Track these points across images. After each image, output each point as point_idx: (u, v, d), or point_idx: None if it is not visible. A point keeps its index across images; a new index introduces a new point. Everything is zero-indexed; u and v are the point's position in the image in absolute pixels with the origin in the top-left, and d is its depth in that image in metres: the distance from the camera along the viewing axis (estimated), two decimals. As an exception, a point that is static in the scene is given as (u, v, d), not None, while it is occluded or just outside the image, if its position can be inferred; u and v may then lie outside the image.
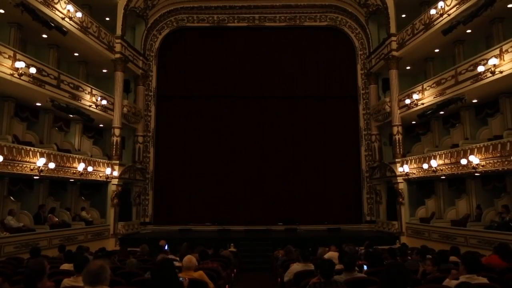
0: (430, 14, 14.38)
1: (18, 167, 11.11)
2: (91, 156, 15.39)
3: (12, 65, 10.96)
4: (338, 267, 5.55)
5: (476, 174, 12.53)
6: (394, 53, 16.57)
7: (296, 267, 6.55)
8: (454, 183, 15.19)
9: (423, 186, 16.53)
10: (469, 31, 13.75)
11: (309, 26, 20.06)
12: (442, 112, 14.98)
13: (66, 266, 6.53)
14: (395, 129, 16.37)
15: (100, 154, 16.67)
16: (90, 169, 14.39)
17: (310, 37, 20.13)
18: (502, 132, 12.02)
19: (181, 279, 4.57)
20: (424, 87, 15.10)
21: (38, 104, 13.78)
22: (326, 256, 7.48)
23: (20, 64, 11.08)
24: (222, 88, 19.67)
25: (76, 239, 13.29)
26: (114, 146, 16.32)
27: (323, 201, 18.71)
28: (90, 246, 11.29)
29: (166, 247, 10.61)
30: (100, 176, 15.25)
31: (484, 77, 11.80)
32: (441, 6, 13.66)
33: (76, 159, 13.83)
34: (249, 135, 19.26)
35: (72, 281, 4.73)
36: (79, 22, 14.19)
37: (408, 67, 17.48)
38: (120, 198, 16.13)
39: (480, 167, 11.64)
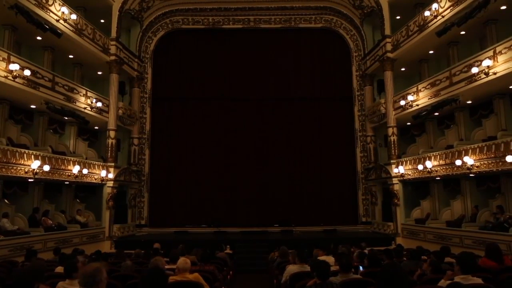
0: (425, 16, 14.45)
1: (12, 170, 11.04)
2: (86, 159, 15.34)
3: (6, 67, 10.91)
4: (333, 268, 5.55)
5: (470, 175, 12.59)
6: (389, 54, 16.65)
7: (292, 268, 6.54)
8: (449, 184, 15.26)
9: (418, 187, 16.58)
10: (463, 32, 13.85)
11: (304, 28, 20.10)
12: (437, 113, 15.06)
13: (61, 269, 6.50)
14: (390, 130, 16.43)
15: (95, 156, 16.61)
16: (85, 171, 14.34)
17: (305, 39, 20.18)
18: (496, 133, 12.11)
19: None
20: (419, 88, 15.16)
21: (32, 106, 13.72)
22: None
23: (14, 67, 11.04)
24: (218, 90, 19.67)
25: (71, 242, 13.21)
26: (109, 148, 16.27)
27: (319, 203, 18.73)
28: (85, 249, 11.21)
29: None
30: (95, 179, 15.20)
31: (478, 78, 11.88)
32: (435, 8, 13.74)
33: (71, 162, 13.77)
34: (244, 136, 19.25)
35: (67, 284, 4.71)
36: (73, 24, 14.15)
37: (403, 69, 17.55)
38: (115, 201, 16.07)
39: (475, 168, 11.71)
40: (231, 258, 11.39)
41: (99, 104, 15.80)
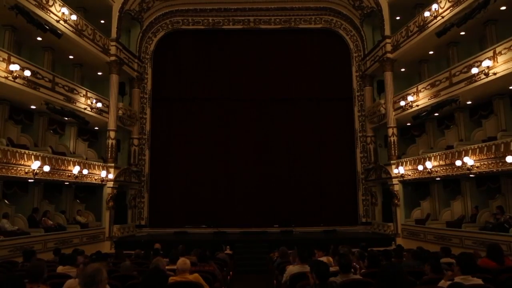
0: (424, 17, 14.46)
1: (12, 170, 11.04)
2: (86, 159, 15.35)
3: (6, 67, 10.92)
4: (332, 269, 5.55)
5: (470, 175, 12.58)
6: (389, 55, 16.65)
7: (292, 268, 6.54)
8: (449, 185, 15.25)
9: (418, 187, 16.58)
10: (463, 33, 13.86)
11: (304, 29, 20.11)
12: (436, 114, 15.07)
13: (61, 269, 6.52)
14: (390, 131, 16.43)
15: (95, 156, 16.61)
16: (85, 172, 14.33)
17: (305, 39, 20.18)
18: (496, 133, 12.11)
19: None
20: (419, 89, 15.17)
21: (32, 106, 13.73)
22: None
23: (14, 67, 11.05)
24: (218, 90, 19.69)
25: (71, 242, 13.21)
26: (109, 149, 16.28)
27: (319, 203, 18.73)
28: (85, 249, 11.22)
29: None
30: (95, 179, 15.20)
31: (478, 79, 11.88)
32: (435, 9, 13.75)
33: (71, 162, 13.77)
34: (244, 137, 19.24)
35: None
36: (74, 25, 14.16)
37: (402, 69, 17.55)
38: (115, 201, 16.07)
39: (475, 168, 11.71)
40: (231, 259, 11.38)
41: (99, 105, 15.80)
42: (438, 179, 14.62)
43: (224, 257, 10.12)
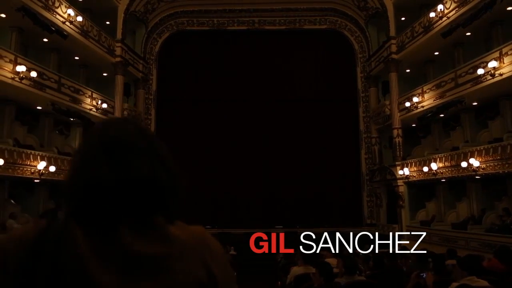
0: (430, 17, 14.40)
1: (18, 171, 11.13)
2: (92, 160, 15.38)
3: (13, 69, 11.00)
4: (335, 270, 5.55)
5: (476, 177, 12.52)
6: (394, 56, 16.60)
7: (296, 269, 6.54)
8: (455, 186, 15.16)
9: (423, 189, 16.48)
10: (468, 34, 13.77)
11: (309, 30, 20.10)
12: (442, 115, 15.00)
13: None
14: (395, 132, 16.37)
15: (100, 157, 16.65)
16: (90, 172, 14.36)
17: (309, 40, 20.15)
18: (502, 135, 12.02)
19: None
20: (424, 90, 15.11)
21: (38, 107, 13.81)
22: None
23: (21, 68, 11.13)
24: (222, 91, 19.69)
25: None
26: (115, 150, 16.31)
27: (323, 204, 18.67)
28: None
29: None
30: (101, 180, 15.22)
31: (484, 79, 11.82)
32: (441, 9, 13.70)
33: (76, 163, 13.80)
34: (249, 138, 19.23)
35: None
36: (79, 26, 14.23)
37: (407, 70, 17.48)
38: (120, 202, 16.10)
39: (481, 170, 11.65)
40: (235, 260, 11.39)
41: (105, 106, 15.86)
42: (443, 180, 14.55)
43: (228, 259, 10.12)
